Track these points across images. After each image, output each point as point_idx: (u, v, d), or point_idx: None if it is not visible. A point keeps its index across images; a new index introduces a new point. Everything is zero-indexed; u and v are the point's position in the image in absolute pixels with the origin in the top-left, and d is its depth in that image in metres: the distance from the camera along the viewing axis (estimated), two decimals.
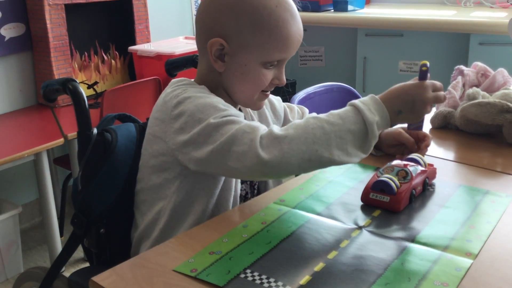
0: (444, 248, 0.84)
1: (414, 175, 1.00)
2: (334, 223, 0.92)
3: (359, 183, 1.07)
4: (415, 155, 1.07)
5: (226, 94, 1.06)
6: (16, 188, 2.50)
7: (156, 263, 0.81)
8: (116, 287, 0.76)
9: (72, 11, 2.44)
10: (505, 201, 0.99)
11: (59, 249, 2.07)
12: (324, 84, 1.93)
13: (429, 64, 0.98)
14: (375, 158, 1.18)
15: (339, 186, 1.06)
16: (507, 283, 0.75)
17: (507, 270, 0.78)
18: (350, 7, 3.10)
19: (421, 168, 1.03)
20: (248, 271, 0.78)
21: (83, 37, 2.56)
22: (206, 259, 0.81)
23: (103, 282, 0.76)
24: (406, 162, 1.04)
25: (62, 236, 2.33)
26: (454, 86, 1.48)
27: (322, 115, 0.91)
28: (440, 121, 1.41)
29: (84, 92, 1.14)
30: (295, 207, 0.98)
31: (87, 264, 1.21)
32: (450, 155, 1.26)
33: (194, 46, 1.95)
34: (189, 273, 0.77)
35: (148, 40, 2.74)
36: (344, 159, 0.89)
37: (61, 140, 1.97)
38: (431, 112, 1.27)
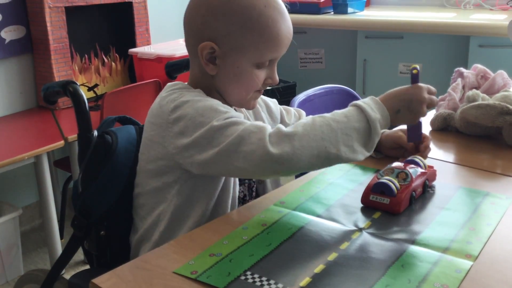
0: (444, 250, 0.84)
1: (414, 177, 1.00)
2: (334, 225, 0.92)
3: (359, 185, 1.07)
4: (415, 157, 1.07)
5: (220, 96, 1.06)
6: (16, 190, 2.51)
7: (156, 265, 0.81)
8: None
9: (73, 13, 2.45)
10: (505, 203, 0.99)
11: (59, 251, 2.07)
12: (324, 86, 1.93)
13: (419, 67, 1.03)
14: (375, 160, 1.18)
15: (339, 188, 1.06)
16: (507, 285, 0.75)
17: (507, 272, 0.78)
18: (350, 10, 3.10)
19: (421, 170, 1.04)
20: (248, 273, 0.78)
21: (83, 39, 2.57)
22: (206, 261, 0.81)
23: (103, 284, 0.76)
24: (406, 164, 1.04)
25: (63, 238, 2.33)
26: (454, 88, 1.48)
27: (327, 114, 0.94)
28: (440, 123, 1.42)
29: (85, 94, 1.14)
30: (295, 209, 0.98)
31: (87, 267, 1.21)
32: (450, 157, 1.26)
33: None
34: (189, 275, 0.77)
35: (148, 43, 2.74)
36: (350, 156, 0.91)
37: (61, 143, 1.97)
38: (427, 115, 1.27)
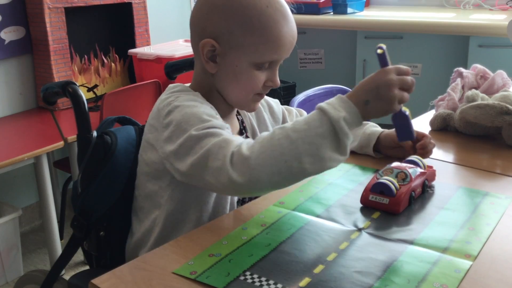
0: (444, 250, 0.84)
1: (413, 177, 1.00)
2: (334, 225, 0.92)
3: (358, 185, 1.07)
4: (414, 157, 1.07)
5: (220, 96, 1.06)
6: (16, 191, 2.51)
7: (155, 265, 0.81)
8: None
9: (72, 14, 2.45)
10: (504, 202, 0.99)
11: (59, 252, 2.07)
12: (323, 87, 1.93)
13: (385, 46, 0.89)
14: (374, 160, 1.18)
15: (339, 188, 1.06)
16: (506, 285, 0.75)
17: (507, 271, 0.78)
18: (350, 10, 3.10)
19: (420, 170, 1.04)
20: (247, 273, 0.78)
21: (83, 40, 2.57)
22: (205, 261, 0.81)
23: (103, 284, 0.76)
24: (405, 164, 1.04)
25: (62, 239, 2.33)
26: (453, 88, 1.48)
27: (287, 124, 0.87)
28: (439, 123, 1.42)
29: (84, 95, 1.14)
30: (294, 209, 0.98)
31: (87, 267, 1.21)
32: (450, 157, 1.26)
33: None
34: (188, 275, 0.77)
35: (148, 43, 2.74)
36: (317, 166, 0.84)
37: (61, 143, 1.97)
38: (426, 115, 1.26)
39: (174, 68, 1.52)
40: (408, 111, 0.93)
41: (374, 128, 1.20)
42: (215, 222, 0.95)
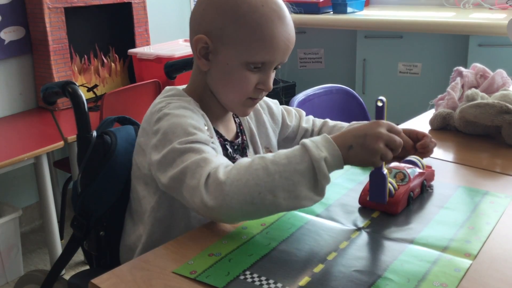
0: (443, 249, 0.84)
1: (411, 177, 1.00)
2: (334, 224, 0.92)
3: (358, 185, 1.07)
4: (413, 157, 1.07)
5: (214, 97, 1.05)
6: (16, 191, 2.51)
7: (155, 265, 0.81)
8: None
9: (72, 14, 2.45)
10: (504, 202, 0.99)
11: (59, 252, 2.07)
12: (323, 86, 1.93)
13: (385, 100, 0.91)
14: None
15: (338, 188, 1.06)
16: (506, 284, 0.75)
17: (506, 270, 0.78)
18: (349, 9, 3.10)
19: (419, 170, 1.04)
20: (247, 272, 0.78)
21: (82, 40, 2.57)
22: (205, 261, 0.81)
23: (103, 284, 0.76)
24: (404, 164, 1.04)
25: (62, 239, 2.33)
26: (453, 87, 1.48)
27: (269, 155, 0.85)
28: (439, 122, 1.42)
29: (84, 95, 1.14)
30: None
31: (87, 267, 1.21)
32: (449, 156, 1.26)
33: None
34: (188, 275, 0.77)
35: (147, 43, 2.74)
36: (291, 203, 0.82)
37: (61, 143, 1.97)
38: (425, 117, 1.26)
39: (173, 68, 1.52)
40: (387, 173, 0.92)
41: None
42: (215, 222, 0.95)
